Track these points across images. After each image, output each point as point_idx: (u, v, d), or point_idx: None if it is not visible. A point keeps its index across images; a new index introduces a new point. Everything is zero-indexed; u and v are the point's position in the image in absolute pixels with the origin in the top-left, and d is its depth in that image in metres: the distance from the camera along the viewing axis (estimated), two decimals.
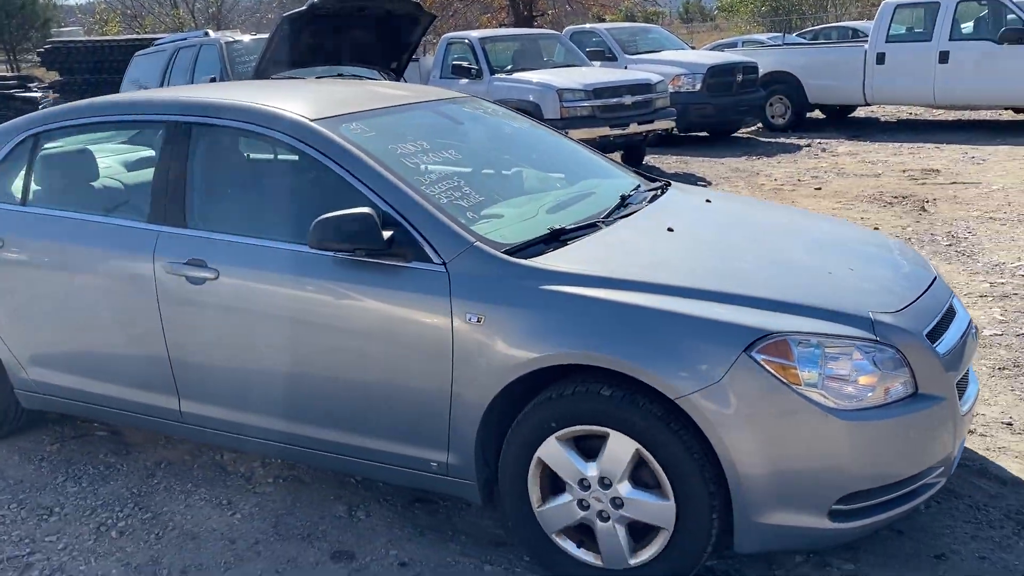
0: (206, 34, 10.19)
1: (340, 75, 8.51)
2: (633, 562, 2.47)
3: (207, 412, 3.09)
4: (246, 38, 9.39)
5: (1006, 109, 11.84)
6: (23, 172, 3.50)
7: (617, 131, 9.58)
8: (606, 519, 2.48)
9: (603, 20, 32.53)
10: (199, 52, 9.21)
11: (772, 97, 12.85)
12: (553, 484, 2.57)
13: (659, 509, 2.39)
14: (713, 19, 48.17)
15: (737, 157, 10.79)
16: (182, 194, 3.08)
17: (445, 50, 11.24)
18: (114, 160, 4.01)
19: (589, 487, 2.47)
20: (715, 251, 2.88)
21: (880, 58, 11.76)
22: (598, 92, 9.56)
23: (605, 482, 2.45)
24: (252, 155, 3.56)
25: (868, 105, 12.58)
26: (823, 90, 12.51)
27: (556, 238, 2.73)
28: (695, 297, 2.41)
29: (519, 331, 2.47)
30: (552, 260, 2.60)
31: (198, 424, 3.15)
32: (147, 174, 3.38)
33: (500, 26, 23.59)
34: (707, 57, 12.46)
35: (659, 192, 3.41)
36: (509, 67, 10.76)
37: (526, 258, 2.60)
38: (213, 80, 8.32)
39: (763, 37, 20.55)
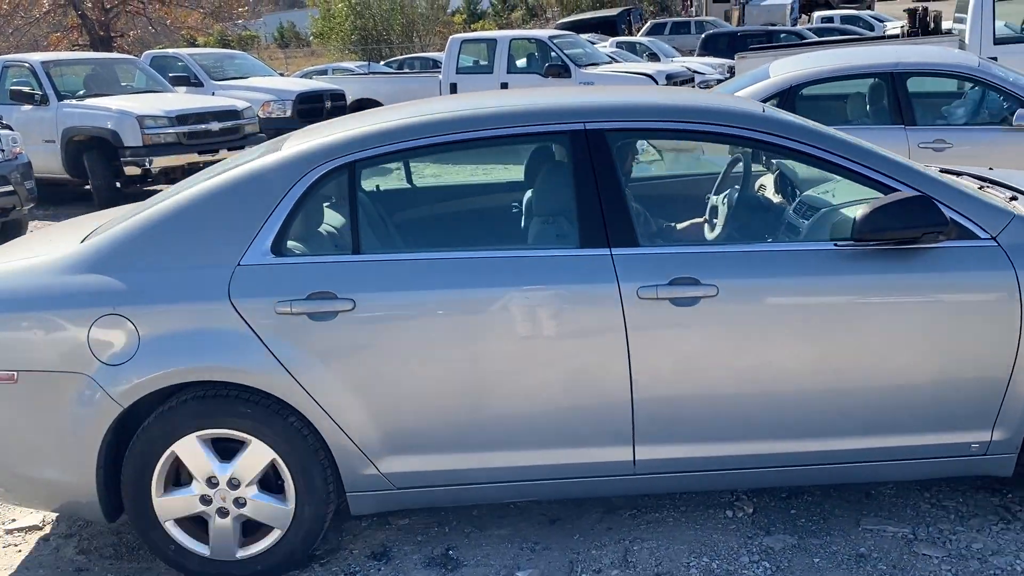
0: None
1: None
2: None
3: (674, 454, 2.70)
4: None
5: None
6: (343, 212, 2.81)
7: (207, 157, 9.52)
8: None
9: (195, 44, 31.43)
10: None
11: None
12: None
13: None
14: (309, 45, 48.81)
15: None
16: (625, 209, 2.68)
17: (1, 74, 10.21)
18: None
19: None
20: None
21: (453, 88, 13.05)
22: (182, 118, 9.42)
23: None
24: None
25: None
26: None
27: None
28: None
29: None
30: None
31: (656, 471, 2.73)
32: (498, 197, 3.00)
33: (73, 46, 21.72)
34: (296, 84, 12.83)
35: None
36: (82, 92, 10.11)
37: None
38: None
39: (352, 65, 21.50)
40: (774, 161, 3.49)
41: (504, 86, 12.68)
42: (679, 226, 3.32)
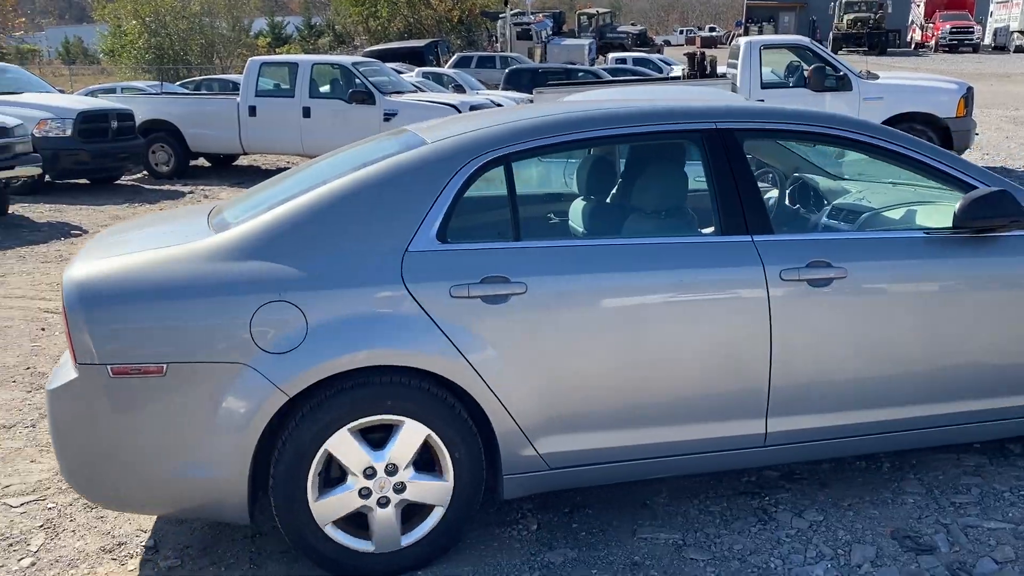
0: None
1: None
2: None
3: (802, 425, 2.96)
4: None
5: None
6: (502, 201, 2.84)
7: None
8: None
9: None
10: None
11: (154, 145, 12.88)
12: None
13: None
14: (99, 62, 45.77)
15: (119, 205, 10.56)
16: (757, 200, 2.93)
17: None
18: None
19: None
20: None
21: (252, 111, 12.65)
22: None
23: None
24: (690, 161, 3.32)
25: (247, 154, 13.40)
26: (202, 139, 12.96)
27: None
28: None
29: None
30: None
31: (785, 441, 2.97)
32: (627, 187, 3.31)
33: None
34: (78, 102, 11.95)
35: None
36: None
37: None
38: None
39: (143, 85, 20.34)
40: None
41: (307, 111, 12.47)
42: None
